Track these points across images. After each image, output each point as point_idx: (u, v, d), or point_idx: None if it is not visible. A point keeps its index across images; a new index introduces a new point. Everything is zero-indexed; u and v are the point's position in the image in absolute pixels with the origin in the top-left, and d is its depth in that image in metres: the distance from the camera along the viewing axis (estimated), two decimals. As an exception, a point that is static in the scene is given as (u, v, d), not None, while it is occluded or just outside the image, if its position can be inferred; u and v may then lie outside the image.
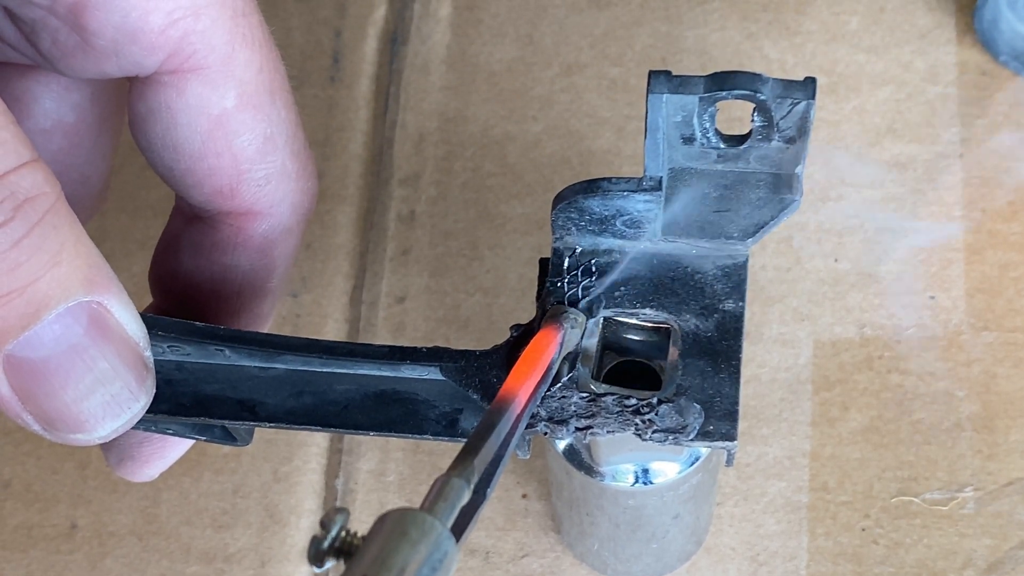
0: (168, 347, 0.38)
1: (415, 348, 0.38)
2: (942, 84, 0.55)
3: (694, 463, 0.42)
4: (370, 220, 0.55)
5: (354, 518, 0.49)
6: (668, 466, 0.42)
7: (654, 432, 0.37)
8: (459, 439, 0.38)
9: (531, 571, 0.48)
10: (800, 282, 0.52)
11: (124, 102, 0.39)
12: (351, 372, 0.38)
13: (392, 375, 0.38)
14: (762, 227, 0.39)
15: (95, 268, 0.34)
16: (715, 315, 0.39)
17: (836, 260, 0.52)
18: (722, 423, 0.37)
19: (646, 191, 0.38)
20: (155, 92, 0.37)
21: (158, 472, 0.42)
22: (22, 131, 0.33)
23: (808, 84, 0.36)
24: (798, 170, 0.38)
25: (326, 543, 0.31)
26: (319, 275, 0.53)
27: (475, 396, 0.38)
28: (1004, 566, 0.47)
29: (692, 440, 0.37)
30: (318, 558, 0.31)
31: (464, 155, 0.55)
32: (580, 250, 0.39)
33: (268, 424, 0.39)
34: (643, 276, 0.40)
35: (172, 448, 0.41)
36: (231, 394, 0.39)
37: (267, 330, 0.42)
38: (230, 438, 0.41)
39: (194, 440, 0.41)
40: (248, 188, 0.39)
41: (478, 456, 0.33)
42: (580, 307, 0.39)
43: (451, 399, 0.38)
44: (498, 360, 0.38)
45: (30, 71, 0.40)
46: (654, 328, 0.39)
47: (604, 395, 0.38)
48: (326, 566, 0.31)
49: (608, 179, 0.38)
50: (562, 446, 0.42)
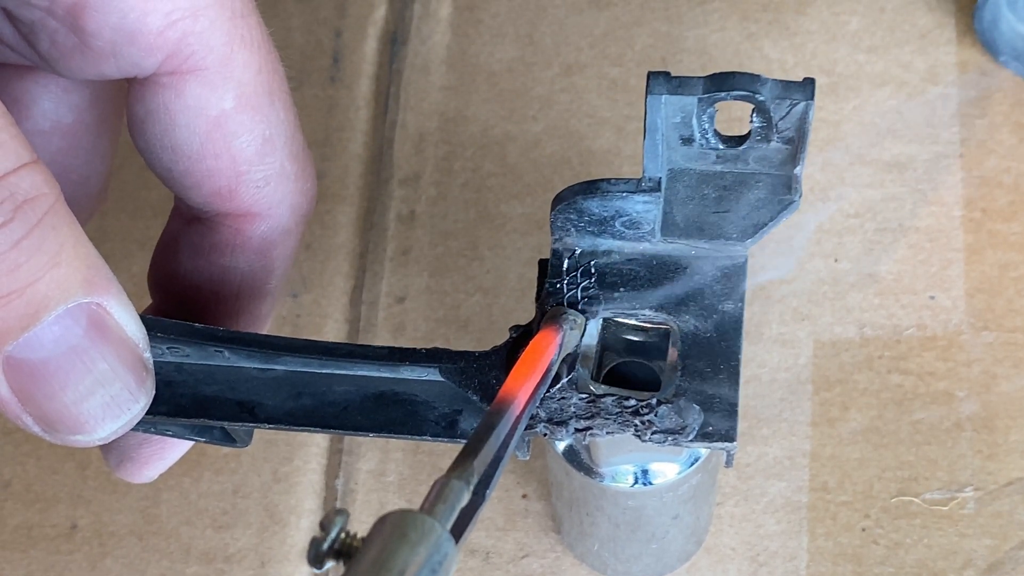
0: (167, 348, 0.38)
1: (414, 349, 0.38)
2: (942, 84, 0.55)
3: (694, 464, 0.42)
4: (370, 220, 0.55)
5: (354, 518, 0.49)
6: (668, 467, 0.42)
7: (653, 433, 0.37)
8: (458, 440, 0.38)
9: (531, 571, 0.48)
10: (800, 282, 0.52)
11: (123, 103, 0.39)
12: (350, 373, 0.38)
13: (391, 376, 0.38)
14: (761, 228, 0.39)
15: (94, 269, 0.34)
16: (714, 316, 0.39)
17: (836, 260, 0.52)
18: (721, 424, 0.37)
19: (645, 192, 0.38)
20: (153, 93, 0.37)
21: (157, 473, 0.42)
22: (21, 132, 0.33)
23: (807, 85, 0.36)
24: (797, 171, 0.38)
25: (326, 545, 0.31)
26: (319, 275, 0.53)
27: (474, 397, 0.38)
28: (1004, 566, 0.47)
29: (691, 441, 0.37)
30: (318, 559, 0.31)
31: (464, 155, 0.55)
32: (579, 251, 0.39)
33: (267, 425, 0.39)
34: (642, 277, 0.39)
35: (171, 449, 0.41)
36: (230, 395, 0.39)
37: (267, 331, 0.42)
38: (229, 439, 0.41)
39: (193, 441, 0.41)
40: (247, 189, 0.39)
41: (477, 458, 0.33)
42: (579, 308, 0.39)
43: (450, 400, 0.38)
44: (497, 361, 0.38)
45: (29, 72, 0.40)
46: (653, 329, 0.39)
47: (603, 396, 0.38)
48: (325, 567, 0.31)
49: (607, 180, 0.38)
50: (562, 447, 0.42)
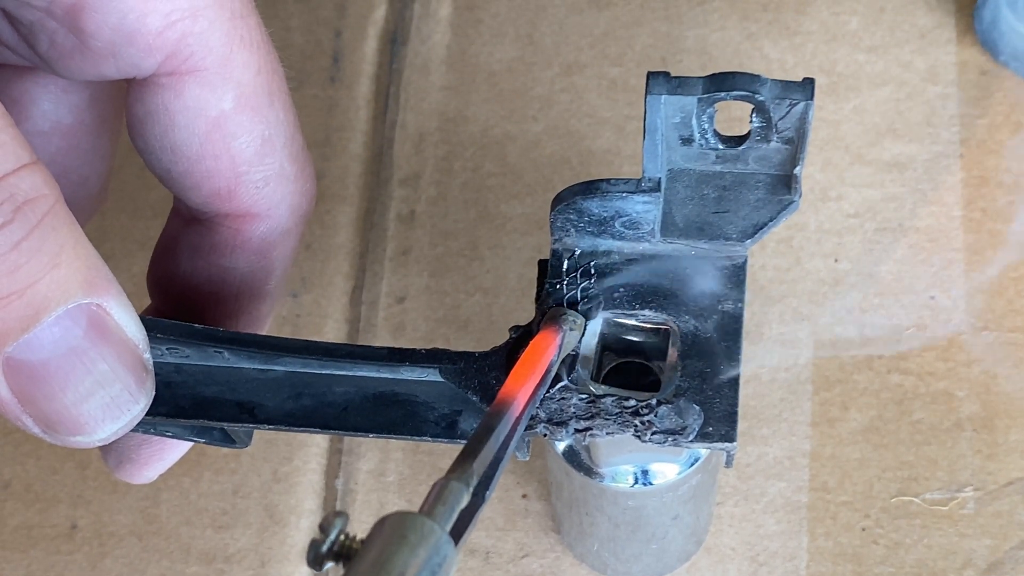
0: (167, 349, 0.38)
1: (414, 350, 0.38)
2: (942, 84, 0.55)
3: (694, 464, 0.42)
4: (370, 220, 0.54)
5: (354, 518, 0.49)
6: (668, 467, 0.42)
7: (653, 433, 0.37)
8: (458, 441, 0.38)
9: (531, 571, 0.48)
10: (800, 282, 0.52)
11: (122, 104, 0.39)
12: (350, 374, 0.38)
13: (391, 377, 0.38)
14: (761, 228, 0.39)
15: (94, 270, 0.33)
16: (714, 316, 0.39)
17: (836, 260, 0.52)
18: (721, 424, 0.37)
19: (645, 192, 0.38)
20: (153, 94, 0.37)
21: (157, 474, 0.42)
22: (20, 133, 0.32)
23: (806, 85, 0.36)
24: (797, 171, 0.38)
25: (325, 546, 0.31)
26: (319, 275, 0.53)
27: (474, 398, 0.38)
28: (1004, 566, 0.47)
29: (691, 441, 0.37)
30: (317, 561, 0.31)
31: (464, 155, 0.55)
32: (579, 252, 0.39)
33: (267, 426, 0.39)
34: (642, 277, 0.39)
35: (171, 450, 0.41)
36: (230, 396, 0.39)
37: (267, 331, 0.42)
38: (229, 440, 0.41)
39: (193, 442, 0.41)
40: (246, 190, 0.39)
41: (477, 459, 0.33)
42: (579, 309, 0.39)
43: (450, 401, 0.38)
44: (497, 362, 0.38)
45: (28, 73, 0.40)
46: (653, 329, 0.39)
47: (603, 396, 0.38)
48: (325, 568, 0.31)
49: (607, 180, 0.38)
50: (561, 447, 0.42)
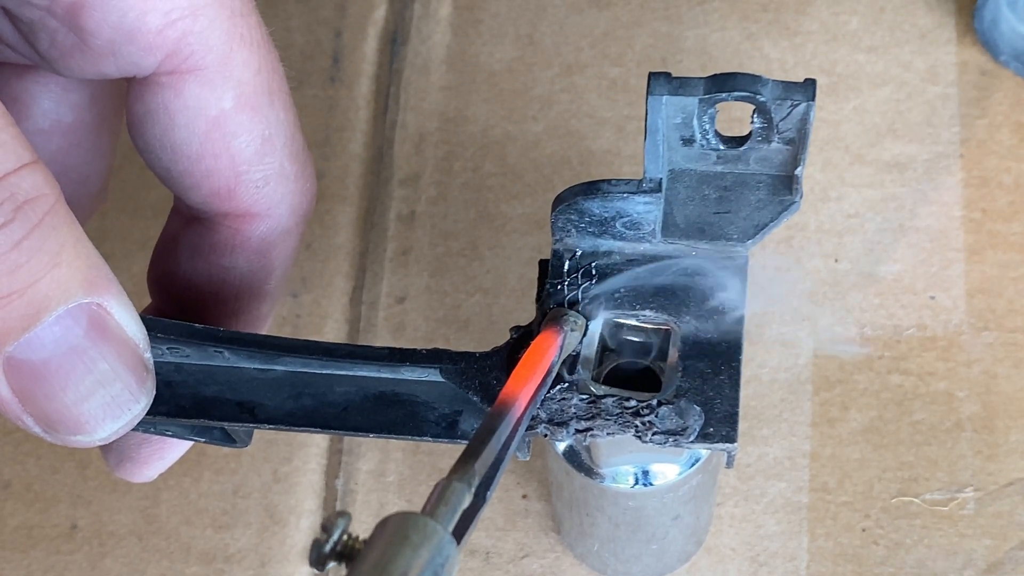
0: (167, 349, 0.38)
1: (415, 350, 0.38)
2: (942, 84, 0.55)
3: (694, 464, 0.42)
4: (370, 220, 0.54)
5: (354, 518, 0.49)
6: (668, 467, 0.41)
7: (654, 434, 0.37)
8: (459, 441, 0.38)
9: (531, 571, 0.48)
10: (800, 282, 0.52)
11: (123, 103, 0.39)
12: (351, 374, 0.38)
13: (392, 377, 0.38)
14: (762, 228, 0.39)
15: (95, 269, 0.33)
16: (715, 317, 0.39)
17: (836, 260, 0.52)
18: (722, 425, 0.37)
19: (646, 193, 0.38)
20: (153, 93, 0.37)
21: (157, 473, 0.42)
22: (21, 132, 0.32)
23: (808, 86, 0.36)
24: (798, 171, 0.38)
25: (328, 547, 0.31)
26: (319, 275, 0.53)
27: (475, 398, 0.38)
28: (1004, 567, 0.47)
29: (692, 442, 0.37)
30: (319, 561, 0.31)
31: (464, 155, 0.55)
32: (580, 252, 0.39)
33: (267, 426, 0.39)
34: (643, 278, 0.39)
35: (171, 449, 0.41)
36: (230, 396, 0.39)
37: (267, 331, 0.42)
38: (229, 440, 0.41)
39: (193, 442, 0.41)
40: (246, 189, 0.39)
41: (479, 460, 0.33)
42: (580, 309, 0.39)
43: (451, 401, 0.38)
44: (498, 362, 0.38)
45: (29, 71, 0.40)
46: (654, 330, 0.39)
47: (604, 397, 0.38)
48: (327, 568, 0.31)
49: (608, 181, 0.38)
50: (562, 447, 0.42)
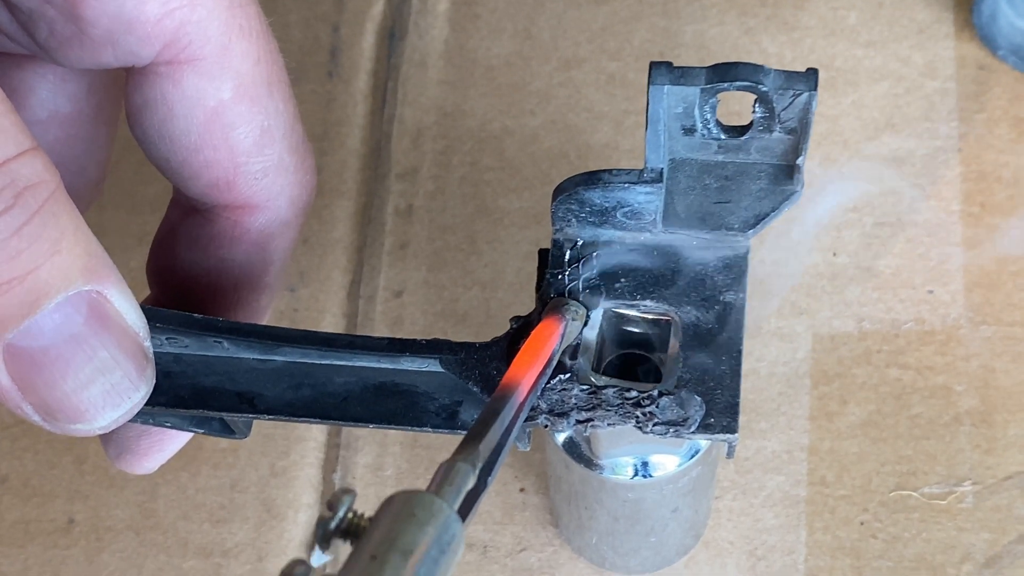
0: (166, 339, 0.38)
1: (415, 340, 0.38)
2: (940, 79, 0.55)
3: (694, 456, 0.41)
4: (368, 214, 0.54)
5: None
6: (667, 459, 0.41)
7: (655, 425, 0.37)
8: (459, 431, 0.38)
9: (529, 565, 0.48)
10: (798, 276, 0.52)
11: (121, 93, 0.39)
12: (350, 364, 0.38)
13: (392, 367, 0.38)
14: (763, 218, 0.39)
15: (95, 257, 0.33)
16: (716, 307, 0.39)
17: (835, 254, 0.52)
18: (723, 415, 0.37)
19: (647, 183, 0.38)
20: (151, 83, 0.37)
21: (157, 465, 0.42)
22: (20, 119, 0.32)
23: (810, 75, 0.36)
24: (799, 161, 0.38)
25: (333, 524, 0.31)
26: (317, 269, 0.53)
27: (475, 388, 0.38)
28: (1002, 560, 0.47)
29: (693, 433, 0.37)
30: (325, 539, 0.31)
31: (462, 149, 0.55)
32: (580, 242, 0.39)
33: (267, 416, 0.39)
34: (644, 268, 0.39)
35: (171, 441, 0.41)
36: (229, 386, 0.39)
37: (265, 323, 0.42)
38: (228, 431, 0.41)
39: (192, 433, 0.41)
40: (245, 181, 0.39)
41: (483, 442, 0.33)
42: (580, 299, 0.39)
43: (451, 391, 0.38)
44: (498, 352, 0.38)
45: (27, 61, 0.40)
46: (655, 320, 0.39)
47: (605, 388, 0.38)
48: (332, 545, 0.31)
49: (609, 171, 0.38)
50: (561, 439, 0.42)
